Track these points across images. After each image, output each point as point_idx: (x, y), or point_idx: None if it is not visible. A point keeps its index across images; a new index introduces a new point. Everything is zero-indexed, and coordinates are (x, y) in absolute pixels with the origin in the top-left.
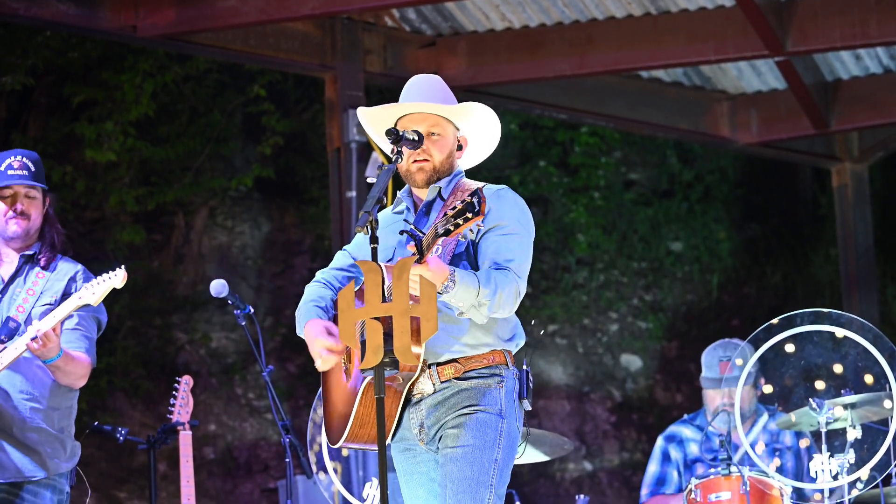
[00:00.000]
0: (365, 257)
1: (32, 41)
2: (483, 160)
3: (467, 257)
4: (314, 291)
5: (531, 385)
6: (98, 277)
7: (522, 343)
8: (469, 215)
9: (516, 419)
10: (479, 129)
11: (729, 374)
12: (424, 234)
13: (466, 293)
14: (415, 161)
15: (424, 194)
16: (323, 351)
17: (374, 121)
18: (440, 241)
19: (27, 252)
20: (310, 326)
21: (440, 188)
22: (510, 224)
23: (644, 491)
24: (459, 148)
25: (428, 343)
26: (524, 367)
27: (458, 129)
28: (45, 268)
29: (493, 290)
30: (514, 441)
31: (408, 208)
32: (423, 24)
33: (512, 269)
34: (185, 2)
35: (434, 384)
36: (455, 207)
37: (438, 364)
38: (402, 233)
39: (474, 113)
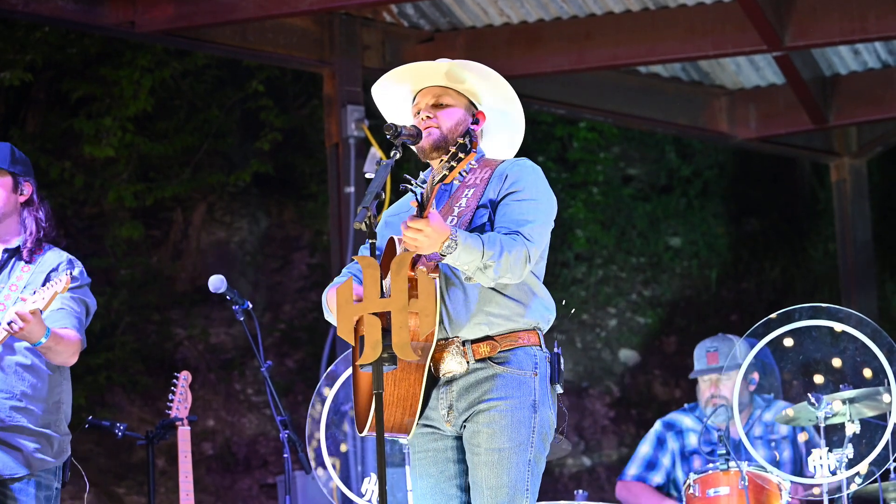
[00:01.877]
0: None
1: (31, 37)
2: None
3: (491, 228)
4: (339, 282)
5: (562, 368)
6: (49, 282)
7: (553, 320)
8: (462, 155)
9: (549, 408)
10: (496, 101)
11: (715, 364)
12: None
13: (469, 254)
14: (426, 128)
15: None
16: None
17: (389, 97)
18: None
19: (10, 245)
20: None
21: (453, 165)
22: (526, 189)
23: (630, 471)
24: (475, 122)
25: (454, 314)
26: (555, 349)
27: (473, 106)
28: (28, 261)
29: (498, 252)
30: (547, 433)
31: (424, 181)
32: (422, 19)
33: (523, 232)
34: None
35: (469, 362)
36: (449, 150)
37: (473, 341)
38: (402, 187)
39: (490, 79)
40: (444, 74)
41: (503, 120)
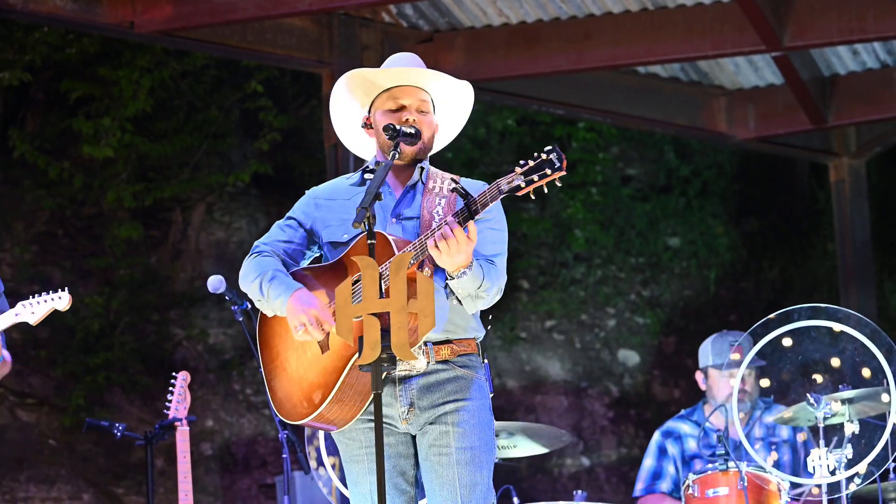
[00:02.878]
0: (314, 225)
1: (30, 37)
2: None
3: None
4: (272, 263)
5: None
6: (41, 297)
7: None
8: (548, 171)
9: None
10: (452, 113)
11: (740, 357)
12: (421, 213)
13: (473, 282)
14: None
15: (400, 175)
16: (314, 322)
17: (358, 89)
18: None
19: None
20: (302, 296)
21: (423, 169)
22: (495, 219)
23: (639, 486)
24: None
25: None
26: (484, 360)
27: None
28: None
29: (490, 285)
30: None
31: (389, 190)
32: (421, 19)
33: (497, 264)
34: None
35: (429, 362)
36: (526, 164)
37: (435, 343)
38: (453, 190)
39: (462, 95)
40: (428, 79)
41: (449, 122)
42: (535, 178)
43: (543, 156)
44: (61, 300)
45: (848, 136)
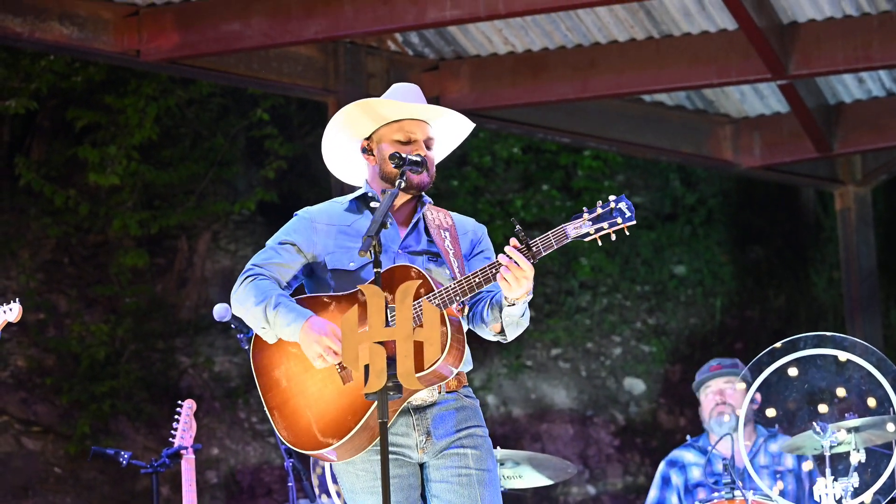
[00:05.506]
0: (314, 250)
1: (36, 65)
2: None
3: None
4: (273, 288)
5: None
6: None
7: None
8: (619, 220)
9: None
10: (443, 146)
11: (717, 370)
12: (443, 249)
13: (522, 309)
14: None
15: (399, 207)
16: (330, 352)
17: (364, 117)
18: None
19: None
20: (316, 323)
21: (423, 204)
22: (493, 257)
23: None
24: None
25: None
26: None
27: None
28: None
29: (528, 315)
30: None
31: (392, 223)
32: (426, 48)
33: None
34: (188, 26)
35: (439, 391)
36: (595, 212)
37: None
38: (514, 233)
39: (461, 132)
40: (440, 115)
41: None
42: (605, 225)
43: (612, 204)
44: (12, 311)
45: (853, 164)
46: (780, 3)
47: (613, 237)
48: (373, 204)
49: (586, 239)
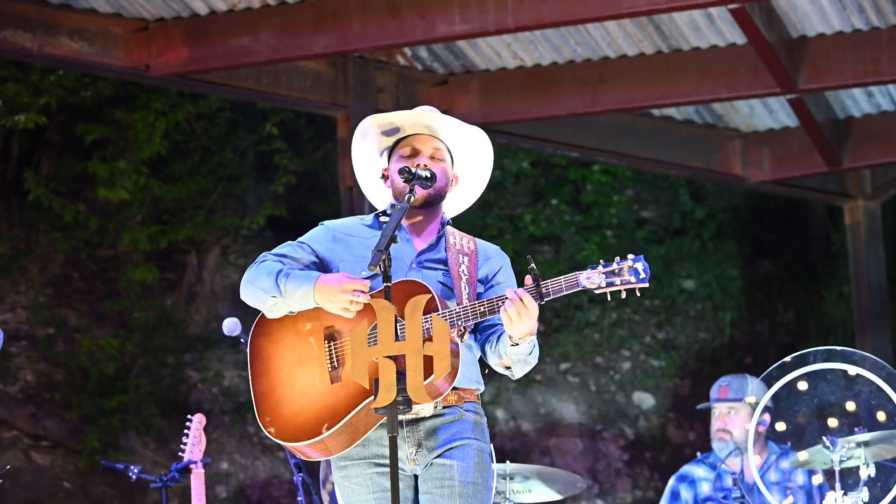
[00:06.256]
0: (329, 255)
1: (45, 80)
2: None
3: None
4: (282, 265)
5: None
6: None
7: None
8: (632, 280)
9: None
10: (473, 167)
11: (724, 397)
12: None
13: (528, 348)
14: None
15: (418, 224)
16: (356, 293)
17: (369, 140)
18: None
19: None
20: (327, 277)
21: (443, 224)
22: (514, 285)
23: None
24: (451, 183)
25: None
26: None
27: (453, 163)
28: None
29: (536, 353)
30: None
31: (407, 236)
32: (435, 62)
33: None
34: (197, 41)
35: (435, 406)
36: (610, 266)
37: None
38: (529, 271)
39: (473, 144)
40: (444, 127)
41: (467, 183)
42: (617, 282)
43: (629, 262)
44: None
45: (863, 179)
46: (790, 17)
47: (624, 295)
48: (382, 218)
49: (596, 291)
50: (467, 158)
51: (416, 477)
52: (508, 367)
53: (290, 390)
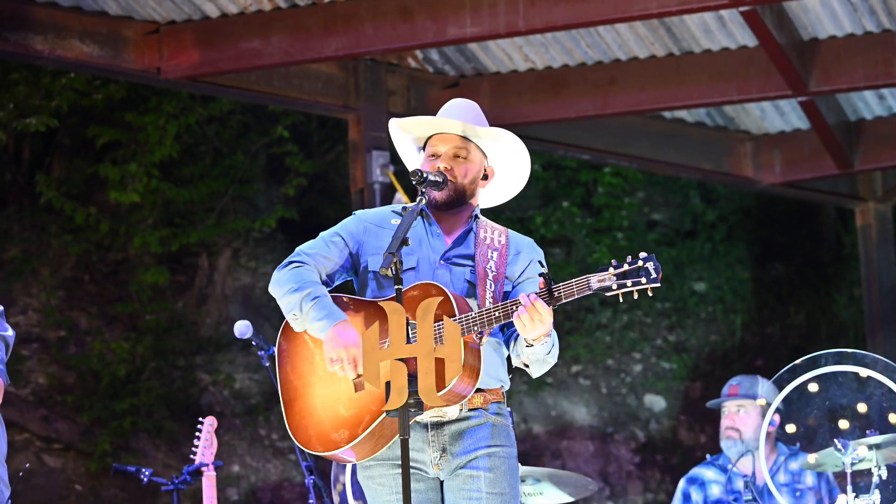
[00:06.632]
0: (360, 248)
1: (56, 83)
2: (506, 201)
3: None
4: (314, 279)
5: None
6: None
7: None
8: (643, 280)
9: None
10: (508, 161)
11: (734, 393)
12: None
13: (545, 349)
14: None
15: (448, 220)
16: (351, 362)
17: (404, 134)
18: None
19: None
20: (348, 330)
21: (474, 217)
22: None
23: None
24: (485, 178)
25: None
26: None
27: (485, 158)
28: None
29: (557, 350)
30: None
31: (437, 231)
32: (447, 65)
33: (554, 331)
34: (208, 43)
35: (461, 409)
36: (621, 267)
37: None
38: (541, 275)
39: (502, 139)
40: (463, 127)
41: (504, 177)
42: (629, 283)
43: (640, 262)
44: None
45: (874, 181)
46: (801, 19)
47: (636, 296)
48: (393, 221)
49: (608, 293)
50: (500, 152)
51: (440, 481)
52: (527, 366)
53: (315, 398)
